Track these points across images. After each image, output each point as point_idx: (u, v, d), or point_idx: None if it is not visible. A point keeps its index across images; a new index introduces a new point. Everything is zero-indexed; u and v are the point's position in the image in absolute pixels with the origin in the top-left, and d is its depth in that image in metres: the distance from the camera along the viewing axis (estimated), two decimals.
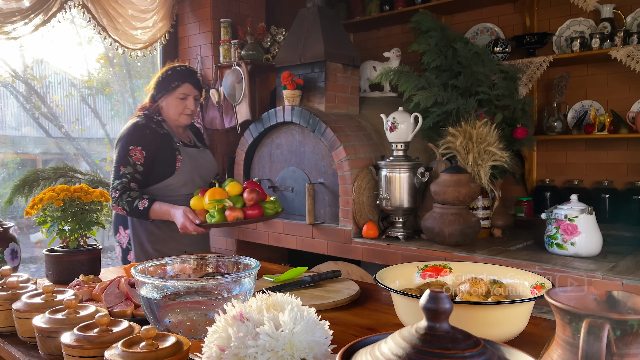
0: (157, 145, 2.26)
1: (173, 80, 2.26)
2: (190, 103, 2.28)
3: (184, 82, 2.26)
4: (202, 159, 2.39)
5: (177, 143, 2.31)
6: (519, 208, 3.27)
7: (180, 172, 2.27)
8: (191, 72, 2.31)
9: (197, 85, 2.30)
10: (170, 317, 1.04)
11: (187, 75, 2.27)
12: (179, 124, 2.35)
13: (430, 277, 1.29)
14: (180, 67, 2.33)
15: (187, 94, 2.26)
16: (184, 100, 2.27)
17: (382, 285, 1.12)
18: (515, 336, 1.04)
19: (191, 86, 2.27)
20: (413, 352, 0.54)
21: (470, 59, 2.99)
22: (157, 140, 2.26)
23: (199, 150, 2.42)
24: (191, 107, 2.29)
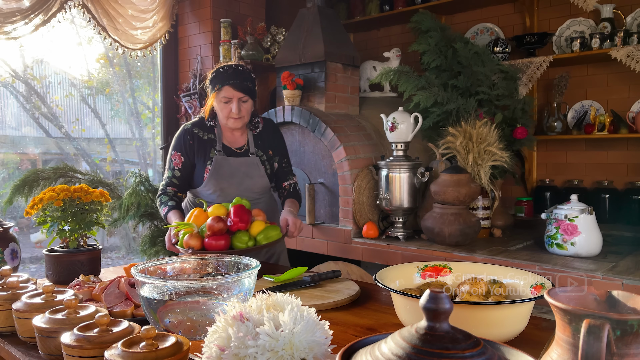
0: (194, 151, 2.18)
1: (215, 83, 2.11)
2: (235, 106, 2.08)
3: (224, 84, 2.08)
4: (245, 168, 2.17)
5: (217, 150, 2.16)
6: (519, 208, 3.27)
7: (208, 182, 2.15)
8: (234, 73, 2.09)
9: (239, 86, 2.07)
10: (170, 317, 1.04)
11: (227, 77, 2.08)
12: (230, 127, 2.18)
13: (430, 277, 1.29)
14: (225, 67, 2.13)
15: (228, 97, 2.08)
16: (227, 104, 2.09)
17: (382, 285, 1.12)
18: (515, 336, 1.04)
19: (232, 89, 2.07)
20: (413, 352, 0.54)
21: (470, 59, 2.99)
22: (195, 147, 2.18)
23: (247, 158, 2.18)
24: (236, 110, 2.08)
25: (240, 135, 2.23)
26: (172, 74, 4.09)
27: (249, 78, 2.12)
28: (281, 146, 2.30)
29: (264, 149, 2.23)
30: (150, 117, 5.19)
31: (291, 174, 2.33)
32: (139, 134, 5.19)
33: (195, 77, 3.88)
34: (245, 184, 2.17)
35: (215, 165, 2.15)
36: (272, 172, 2.24)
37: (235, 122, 2.12)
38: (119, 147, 5.12)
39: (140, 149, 5.15)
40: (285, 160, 2.30)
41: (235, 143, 2.21)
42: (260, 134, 2.25)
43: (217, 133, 2.20)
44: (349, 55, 3.37)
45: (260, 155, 2.21)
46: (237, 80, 2.08)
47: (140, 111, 5.20)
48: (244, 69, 2.14)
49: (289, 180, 2.30)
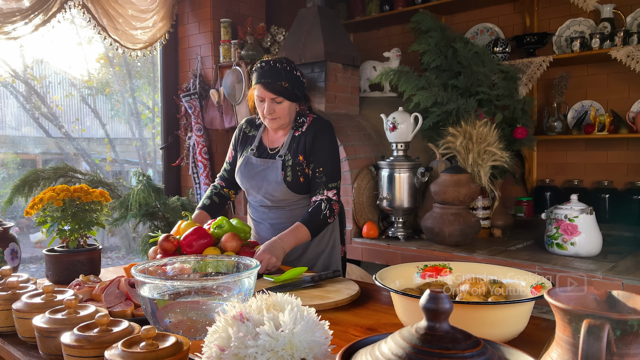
0: (239, 146, 2.11)
1: (252, 80, 1.96)
2: (267, 107, 1.90)
3: (256, 83, 1.91)
4: (264, 171, 1.97)
5: (251, 149, 2.04)
6: (519, 208, 3.27)
7: (237, 178, 2.07)
8: (268, 72, 1.89)
9: (270, 87, 1.88)
10: (170, 317, 1.04)
11: (260, 75, 1.90)
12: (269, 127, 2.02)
13: (430, 277, 1.29)
14: (261, 63, 1.93)
15: (260, 96, 1.91)
16: (262, 103, 1.92)
17: (382, 285, 1.12)
18: (515, 336, 1.04)
19: (262, 88, 1.89)
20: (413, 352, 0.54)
21: (470, 59, 2.99)
22: (240, 142, 2.11)
23: (269, 160, 1.98)
24: (267, 111, 1.90)
25: (282, 135, 2.03)
26: (172, 74, 4.09)
27: (286, 77, 1.90)
28: (319, 153, 1.95)
29: (294, 154, 1.96)
30: (150, 117, 5.19)
31: (324, 187, 1.93)
32: (139, 134, 5.19)
33: (195, 77, 3.88)
34: (265, 189, 1.97)
35: (242, 164, 2.03)
36: (296, 181, 1.94)
37: (271, 122, 1.96)
38: (119, 147, 5.12)
39: (140, 149, 5.15)
40: (320, 169, 1.93)
41: (273, 143, 2.04)
42: (300, 136, 1.99)
43: (262, 130, 2.07)
44: (349, 55, 3.37)
45: (286, 159, 1.96)
46: (269, 79, 1.88)
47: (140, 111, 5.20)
48: (281, 66, 1.91)
49: (318, 194, 1.93)
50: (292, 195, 1.96)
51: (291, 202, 1.99)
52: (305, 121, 2.00)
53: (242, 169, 2.03)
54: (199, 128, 3.82)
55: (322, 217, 1.89)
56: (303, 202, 2.00)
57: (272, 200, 1.99)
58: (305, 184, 1.95)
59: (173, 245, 1.63)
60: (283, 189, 1.94)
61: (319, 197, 1.92)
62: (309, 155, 1.95)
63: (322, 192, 1.93)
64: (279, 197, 1.97)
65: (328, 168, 1.94)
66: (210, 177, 3.85)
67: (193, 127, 3.84)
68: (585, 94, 3.29)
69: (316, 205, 1.91)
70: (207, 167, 3.82)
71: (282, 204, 1.99)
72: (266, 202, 2.02)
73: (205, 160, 3.82)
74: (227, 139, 4.01)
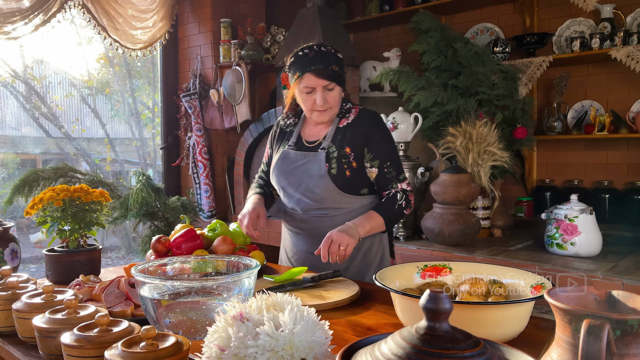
0: (274, 144, 1.94)
1: (295, 70, 1.74)
2: (320, 97, 1.71)
3: (305, 71, 1.70)
4: (305, 164, 1.78)
5: (289, 144, 1.85)
6: (519, 208, 3.27)
7: (272, 178, 1.88)
8: (316, 57, 1.71)
9: (323, 73, 1.69)
10: (170, 317, 1.04)
11: (308, 62, 1.70)
12: (314, 121, 1.82)
13: (430, 277, 1.29)
14: (305, 49, 1.74)
15: (311, 86, 1.71)
16: (310, 94, 1.73)
17: (382, 285, 1.12)
18: (515, 336, 1.04)
19: (314, 76, 1.69)
20: (413, 352, 0.54)
21: (470, 59, 2.99)
22: (276, 137, 1.94)
23: (311, 153, 1.79)
24: (321, 102, 1.71)
25: (324, 127, 1.84)
26: (172, 74, 4.09)
27: (335, 60, 1.75)
28: (382, 147, 1.78)
29: (340, 145, 1.76)
30: (150, 117, 5.19)
31: (396, 180, 1.77)
32: (139, 134, 5.19)
33: (195, 77, 3.88)
34: (305, 185, 1.76)
35: (278, 160, 1.84)
36: (341, 174, 1.74)
37: (320, 115, 1.76)
38: (119, 147, 5.12)
39: (140, 149, 5.15)
40: (388, 164, 1.77)
41: (312, 136, 1.85)
42: (346, 127, 1.79)
43: (301, 124, 1.89)
44: (349, 55, 3.37)
45: (331, 151, 1.76)
46: (321, 64, 1.70)
47: (140, 111, 5.20)
48: (327, 49, 1.76)
49: (390, 188, 1.77)
50: (336, 193, 1.75)
51: (335, 204, 1.77)
52: (351, 110, 1.83)
53: (279, 164, 1.83)
54: (199, 128, 3.82)
55: (398, 207, 1.72)
56: (347, 207, 1.78)
57: (313, 199, 1.76)
58: (351, 179, 1.75)
59: (165, 246, 1.63)
60: (327, 183, 1.73)
61: (393, 190, 1.76)
62: (363, 150, 1.77)
63: (396, 185, 1.77)
64: (320, 194, 1.75)
65: (395, 161, 1.79)
66: (210, 177, 3.85)
67: (193, 127, 3.84)
68: (585, 94, 3.29)
69: (391, 195, 1.74)
70: (207, 167, 3.82)
71: (324, 204, 1.77)
72: (305, 202, 1.79)
73: (205, 160, 3.82)
74: (227, 139, 4.01)
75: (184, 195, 3.99)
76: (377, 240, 1.83)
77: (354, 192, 1.78)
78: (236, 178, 3.76)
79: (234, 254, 1.64)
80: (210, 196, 3.84)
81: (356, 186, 1.78)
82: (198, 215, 3.79)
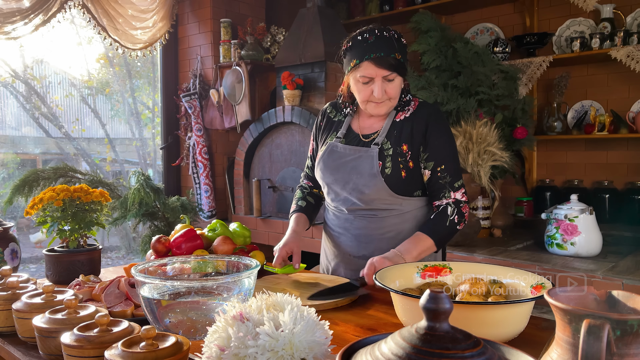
0: (320, 134, 1.76)
1: (352, 57, 1.57)
2: (379, 89, 1.53)
3: (363, 59, 1.53)
4: (355, 161, 1.61)
5: (337, 136, 1.68)
6: (519, 208, 3.27)
7: (316, 174, 1.72)
8: (377, 42, 1.52)
9: (384, 61, 1.50)
10: (170, 317, 1.04)
11: (368, 49, 1.52)
12: (370, 114, 1.64)
13: (430, 277, 1.29)
14: (364, 34, 1.55)
15: (369, 76, 1.53)
16: (367, 84, 1.55)
17: (382, 285, 1.12)
18: (515, 336, 1.04)
19: (373, 65, 1.51)
20: (413, 352, 0.54)
21: (470, 59, 2.99)
22: (322, 128, 1.75)
23: (362, 149, 1.61)
24: (379, 93, 1.53)
25: (378, 120, 1.66)
26: (172, 74, 4.09)
27: (398, 47, 1.54)
28: (439, 147, 1.58)
29: (396, 142, 1.59)
30: (150, 117, 5.19)
31: (450, 188, 1.57)
32: (139, 134, 5.19)
33: (195, 77, 3.88)
34: (353, 183, 1.60)
35: (324, 153, 1.67)
36: (396, 174, 1.56)
37: (377, 108, 1.58)
38: (119, 147, 5.13)
39: (140, 149, 5.15)
40: (443, 167, 1.57)
41: (367, 129, 1.67)
42: (404, 122, 1.61)
43: (350, 115, 1.71)
44: None
45: (386, 147, 1.59)
46: (382, 52, 1.51)
47: (140, 111, 5.20)
48: (390, 34, 1.54)
49: (442, 197, 1.58)
50: (387, 194, 1.58)
51: (385, 205, 1.60)
52: (410, 103, 1.64)
53: (324, 159, 1.66)
54: (199, 128, 3.82)
55: (449, 223, 1.53)
56: (399, 208, 1.61)
57: (361, 200, 1.60)
58: (407, 180, 1.58)
59: (165, 246, 1.63)
60: (378, 184, 1.56)
61: (444, 202, 1.57)
62: (419, 148, 1.59)
63: (449, 194, 1.57)
64: (370, 195, 1.58)
65: (451, 165, 1.58)
66: (210, 177, 3.85)
67: (193, 127, 3.84)
68: (585, 94, 3.29)
69: (440, 209, 1.56)
70: (207, 167, 3.82)
71: (373, 205, 1.60)
72: (352, 202, 1.62)
73: (205, 160, 3.82)
74: (227, 139, 4.01)
75: (184, 195, 3.99)
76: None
77: (408, 194, 1.60)
78: (236, 178, 3.76)
79: (234, 254, 1.63)
80: (210, 196, 3.84)
81: (411, 188, 1.60)
82: (198, 215, 3.79)
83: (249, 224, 3.59)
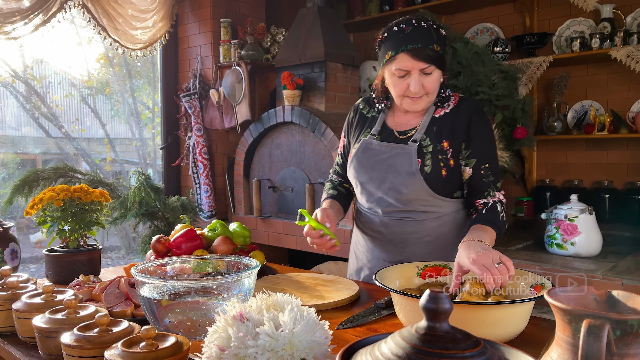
0: (353, 130, 1.68)
1: (387, 48, 1.47)
2: (415, 83, 1.44)
3: (398, 51, 1.43)
4: (392, 158, 1.52)
5: (372, 133, 1.60)
6: (519, 208, 3.27)
7: (348, 172, 1.64)
8: (414, 33, 1.43)
9: (422, 53, 1.42)
10: (170, 317, 1.04)
11: (404, 40, 1.43)
12: (405, 109, 1.56)
13: (430, 277, 1.29)
14: (401, 24, 1.46)
15: (404, 69, 1.44)
16: (403, 78, 1.46)
17: (382, 285, 1.12)
18: (515, 336, 1.05)
19: (410, 57, 1.42)
20: (413, 352, 0.54)
21: (470, 59, 2.99)
22: (355, 124, 1.68)
23: (399, 145, 1.53)
24: (416, 88, 1.45)
25: (416, 116, 1.57)
26: (172, 74, 4.09)
27: (437, 38, 1.45)
28: (482, 143, 1.50)
29: (436, 138, 1.51)
30: (150, 117, 5.19)
31: (493, 187, 1.49)
32: (139, 134, 5.19)
33: (195, 77, 3.88)
34: (390, 182, 1.51)
35: (358, 150, 1.59)
36: (436, 173, 1.48)
37: (413, 103, 1.50)
38: (119, 147, 5.13)
39: (140, 149, 5.15)
40: (487, 166, 1.49)
41: (403, 125, 1.58)
42: (444, 118, 1.53)
43: (384, 110, 1.63)
44: (349, 55, 3.37)
45: (425, 144, 1.51)
46: (419, 43, 1.42)
47: (140, 111, 5.20)
48: (428, 24, 1.45)
49: (487, 196, 1.49)
50: (427, 194, 1.49)
51: (423, 207, 1.52)
52: (450, 99, 1.56)
53: (358, 156, 1.58)
54: (199, 128, 3.82)
55: (501, 219, 1.43)
56: (438, 211, 1.52)
57: (398, 200, 1.52)
58: (447, 180, 1.50)
59: (165, 246, 1.63)
60: (417, 183, 1.48)
61: (491, 199, 1.47)
62: (461, 145, 1.50)
63: (493, 193, 1.48)
64: (408, 194, 1.50)
65: (494, 164, 1.51)
66: (210, 177, 3.85)
67: (193, 127, 3.84)
68: (585, 94, 3.29)
69: (490, 206, 1.45)
70: (207, 167, 3.82)
71: (410, 207, 1.52)
72: (388, 202, 1.54)
73: (205, 160, 3.82)
74: (227, 139, 4.01)
75: (184, 195, 3.99)
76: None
77: (447, 194, 1.52)
78: (236, 178, 3.76)
79: (234, 254, 1.63)
80: (210, 196, 3.84)
81: (451, 188, 1.52)
82: (198, 215, 3.79)
83: (249, 224, 3.59)
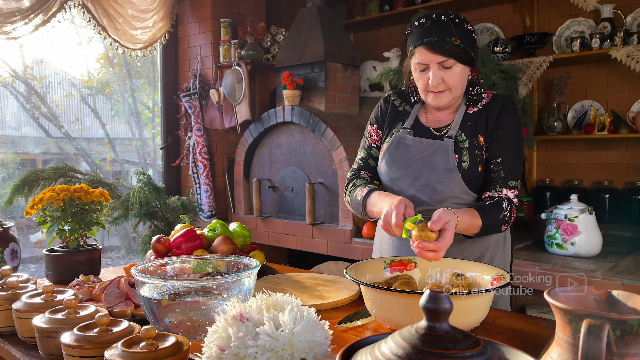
0: (385, 121, 1.63)
1: (409, 43, 1.48)
2: (433, 76, 1.43)
3: (416, 45, 1.44)
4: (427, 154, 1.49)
5: (404, 127, 1.56)
6: (519, 208, 3.27)
7: (379, 167, 1.59)
8: (432, 27, 1.43)
9: (437, 46, 1.41)
10: (170, 317, 1.04)
11: (421, 34, 1.43)
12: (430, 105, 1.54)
13: (397, 272, 1.35)
14: (421, 19, 1.47)
15: (423, 62, 1.44)
16: (424, 72, 1.45)
17: (352, 279, 1.16)
18: (475, 325, 1.09)
19: (426, 50, 1.42)
20: (413, 352, 0.54)
21: None
22: (387, 116, 1.63)
23: (435, 141, 1.50)
24: (433, 81, 1.43)
25: (450, 112, 1.55)
26: (172, 74, 4.09)
27: (458, 31, 1.45)
28: (501, 138, 1.48)
29: (471, 133, 1.49)
30: (150, 117, 5.19)
31: (502, 183, 1.45)
32: (139, 134, 5.19)
33: (195, 77, 3.88)
34: (425, 179, 1.47)
35: (391, 145, 1.55)
36: (473, 169, 1.45)
37: (436, 98, 1.47)
38: (119, 147, 5.13)
39: (140, 149, 5.15)
40: (499, 160, 1.46)
41: (436, 122, 1.56)
42: (478, 114, 1.51)
43: (417, 103, 1.60)
44: (349, 55, 3.37)
45: (461, 140, 1.48)
46: (435, 36, 1.41)
47: (140, 111, 5.20)
48: (449, 18, 1.46)
49: (493, 190, 1.46)
50: (462, 192, 1.46)
51: (455, 204, 1.47)
52: (483, 95, 1.54)
53: (391, 152, 1.53)
54: (199, 128, 3.82)
55: (502, 217, 1.40)
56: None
57: (432, 198, 1.47)
58: (483, 176, 1.48)
59: (165, 246, 1.63)
60: (454, 179, 1.44)
61: (495, 195, 1.45)
62: (489, 139, 1.48)
63: (500, 188, 1.45)
64: (444, 192, 1.46)
65: (509, 161, 1.47)
66: (210, 177, 3.85)
67: (193, 127, 3.84)
68: (585, 94, 3.29)
69: (495, 201, 1.42)
70: (207, 167, 3.82)
71: (444, 204, 1.47)
72: (421, 200, 1.48)
73: (205, 160, 3.82)
74: (227, 139, 4.01)
75: (184, 195, 3.99)
76: (499, 252, 1.55)
77: (481, 191, 1.49)
78: (236, 178, 3.76)
79: (234, 254, 1.63)
80: (210, 196, 3.84)
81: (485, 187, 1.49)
82: (198, 215, 3.79)
83: (249, 224, 3.59)
